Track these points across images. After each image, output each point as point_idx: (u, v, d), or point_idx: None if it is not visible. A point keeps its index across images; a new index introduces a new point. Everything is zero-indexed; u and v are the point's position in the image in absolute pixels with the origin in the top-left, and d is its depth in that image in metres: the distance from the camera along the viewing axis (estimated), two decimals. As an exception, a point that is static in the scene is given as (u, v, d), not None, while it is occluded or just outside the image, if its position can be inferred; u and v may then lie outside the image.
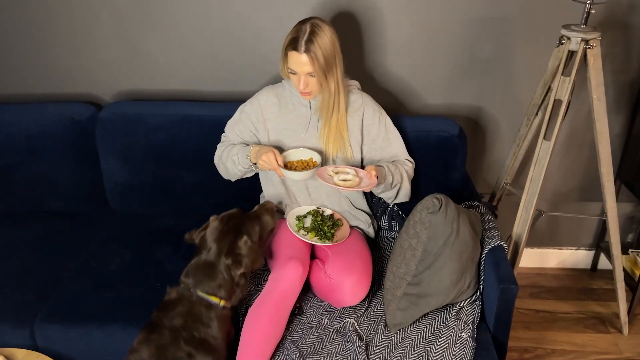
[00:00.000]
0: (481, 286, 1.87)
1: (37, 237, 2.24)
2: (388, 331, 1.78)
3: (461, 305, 1.84)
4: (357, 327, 1.78)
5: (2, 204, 2.38)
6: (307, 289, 1.92)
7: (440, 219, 1.70)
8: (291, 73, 1.82)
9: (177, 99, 2.39)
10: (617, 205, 2.21)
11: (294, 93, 1.94)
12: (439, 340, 1.72)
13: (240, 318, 1.81)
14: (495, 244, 1.86)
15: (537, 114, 2.19)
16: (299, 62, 1.76)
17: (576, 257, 2.76)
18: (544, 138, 2.04)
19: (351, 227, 2.05)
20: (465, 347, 1.69)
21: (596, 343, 2.35)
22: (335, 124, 1.91)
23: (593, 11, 1.93)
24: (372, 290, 1.91)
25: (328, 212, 2.03)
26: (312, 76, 1.79)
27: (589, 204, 2.61)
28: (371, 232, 2.13)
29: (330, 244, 1.90)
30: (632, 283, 2.42)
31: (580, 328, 2.42)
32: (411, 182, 2.01)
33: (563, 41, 1.99)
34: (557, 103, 2.01)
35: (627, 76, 2.33)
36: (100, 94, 2.44)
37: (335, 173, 1.87)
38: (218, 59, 2.34)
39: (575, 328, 2.42)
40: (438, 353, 1.68)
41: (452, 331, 1.74)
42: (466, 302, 1.84)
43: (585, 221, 2.66)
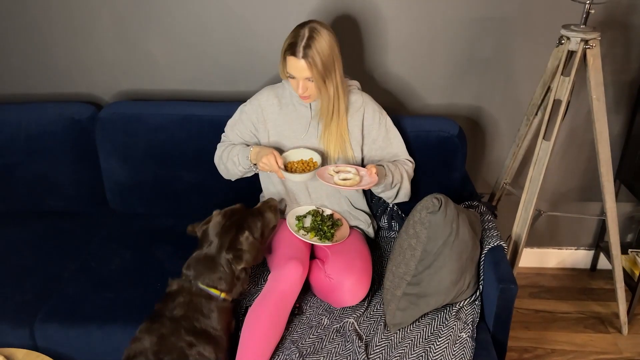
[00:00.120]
0: (481, 286, 1.87)
1: (37, 237, 2.24)
2: (388, 331, 1.78)
3: (461, 305, 1.84)
4: (357, 327, 1.79)
5: (2, 204, 2.38)
6: (307, 289, 1.92)
7: (439, 219, 1.70)
8: (290, 77, 1.82)
9: (177, 99, 2.39)
10: (617, 205, 2.21)
11: (294, 94, 1.94)
12: (439, 340, 1.72)
13: (240, 318, 1.81)
14: (494, 244, 1.86)
15: (537, 114, 2.19)
16: (297, 68, 1.76)
17: (576, 257, 2.76)
18: (544, 138, 2.04)
19: (351, 227, 2.05)
20: (464, 347, 1.69)
21: (596, 343, 2.35)
22: (335, 127, 1.91)
23: (593, 11, 1.94)
24: (372, 290, 1.91)
25: (328, 212, 2.03)
26: (311, 81, 1.79)
27: (589, 204, 2.61)
28: (371, 232, 2.13)
29: (330, 244, 1.90)
30: (632, 283, 2.42)
31: (579, 328, 2.42)
32: (411, 182, 2.01)
33: (563, 41, 1.99)
34: (557, 103, 2.01)
35: (627, 76, 2.33)
36: (100, 94, 2.44)
37: (336, 172, 1.87)
38: (218, 59, 2.34)
39: (574, 328, 2.42)
40: (438, 353, 1.68)
41: (452, 331, 1.74)
42: (466, 302, 1.85)
43: (584, 221, 2.66)
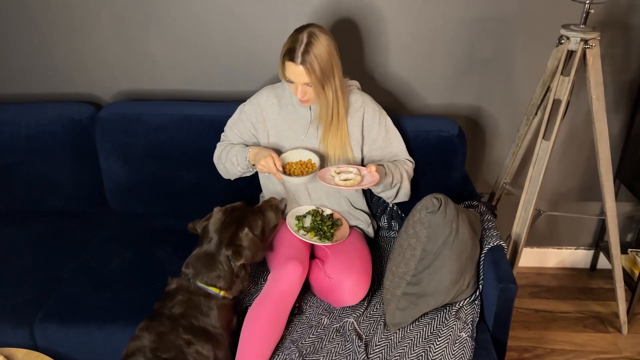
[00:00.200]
0: (480, 286, 1.87)
1: (37, 237, 2.24)
2: (387, 331, 1.78)
3: (460, 304, 1.84)
4: (357, 327, 1.79)
5: (2, 204, 2.38)
6: (307, 289, 1.92)
7: (439, 219, 1.70)
8: (289, 81, 1.82)
9: (177, 99, 2.39)
10: (617, 204, 2.21)
11: (294, 95, 1.94)
12: (439, 339, 1.72)
13: (239, 318, 1.81)
14: (494, 244, 1.86)
15: (537, 114, 2.19)
16: (296, 73, 1.76)
17: (575, 257, 2.77)
18: (543, 138, 2.04)
19: (351, 227, 2.05)
20: (464, 347, 1.69)
21: (595, 342, 2.35)
22: (335, 131, 1.90)
23: (592, 11, 1.94)
24: (372, 289, 1.91)
25: (327, 212, 2.03)
26: (310, 86, 1.79)
27: (588, 204, 2.61)
28: (371, 232, 2.13)
29: (329, 244, 1.90)
30: (632, 282, 2.42)
31: (579, 327, 2.42)
32: (411, 182, 2.01)
33: (562, 41, 1.99)
34: (557, 103, 2.01)
35: (627, 76, 2.33)
36: (100, 94, 2.44)
37: (337, 173, 1.87)
38: (218, 59, 2.34)
39: (574, 327, 2.42)
40: (437, 352, 1.68)
41: (452, 331, 1.74)
42: (465, 302, 1.85)
43: (584, 221, 2.66)
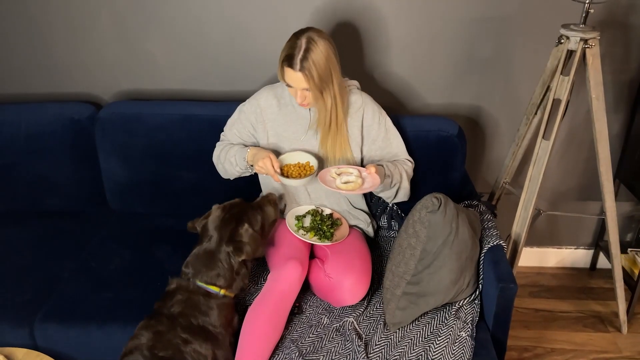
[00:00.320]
0: (480, 285, 1.87)
1: (37, 237, 2.24)
2: (387, 330, 1.78)
3: (460, 304, 1.84)
4: (357, 326, 1.79)
5: (2, 204, 2.38)
6: (307, 288, 1.92)
7: (439, 218, 1.70)
8: (288, 86, 1.82)
9: (177, 99, 2.39)
10: (616, 204, 2.21)
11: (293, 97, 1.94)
12: (438, 339, 1.72)
13: (240, 317, 1.81)
14: (494, 243, 1.86)
15: (536, 114, 2.19)
16: (294, 79, 1.76)
17: (575, 256, 2.77)
18: (543, 137, 2.04)
19: (350, 227, 2.05)
20: (464, 346, 1.69)
21: (595, 342, 2.35)
22: (334, 135, 1.90)
23: (592, 11, 1.94)
24: (372, 289, 1.91)
25: (327, 212, 2.03)
26: (308, 91, 1.79)
27: (588, 203, 2.61)
28: (370, 232, 2.13)
29: (329, 244, 1.90)
30: (631, 282, 2.42)
31: (579, 327, 2.43)
32: (411, 182, 2.01)
33: (562, 40, 1.99)
34: (556, 102, 2.01)
35: (626, 75, 2.33)
36: (99, 94, 2.44)
37: (338, 175, 1.86)
38: (217, 59, 2.34)
39: (574, 327, 2.42)
40: (437, 352, 1.68)
41: (452, 330, 1.74)
42: (465, 301, 1.85)
43: (584, 220, 2.66)
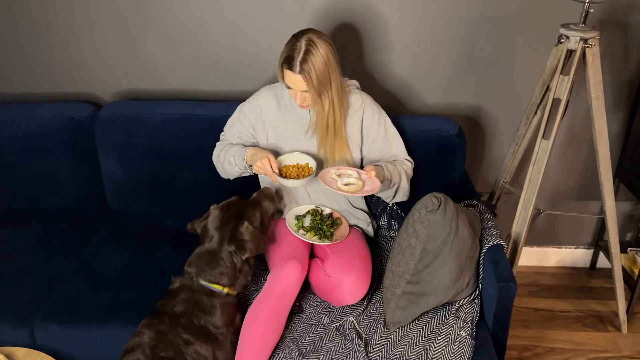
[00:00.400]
0: (480, 285, 1.87)
1: (37, 237, 2.24)
2: (387, 329, 1.78)
3: (460, 303, 1.84)
4: (357, 326, 1.79)
5: (2, 204, 2.38)
6: (307, 288, 1.92)
7: (439, 218, 1.70)
8: (287, 87, 1.82)
9: (177, 99, 2.39)
10: (616, 204, 2.21)
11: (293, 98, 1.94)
12: (438, 338, 1.72)
13: (243, 316, 1.81)
14: (494, 243, 1.86)
15: (536, 113, 2.19)
16: (294, 81, 1.77)
17: (575, 256, 2.77)
18: (543, 137, 2.04)
19: (350, 226, 2.05)
20: (464, 346, 1.69)
21: (595, 341, 2.35)
22: (332, 138, 1.90)
23: (592, 10, 1.94)
24: (372, 288, 1.91)
25: (327, 211, 2.03)
26: (308, 93, 1.80)
27: (588, 203, 2.61)
28: (370, 231, 2.13)
29: (329, 243, 1.90)
30: (631, 281, 2.42)
31: (579, 326, 2.43)
32: (410, 182, 2.01)
33: (562, 40, 1.99)
34: (556, 102, 2.01)
35: (626, 75, 2.34)
36: (99, 94, 2.44)
37: (337, 176, 1.87)
38: (217, 59, 2.34)
39: (574, 326, 2.43)
40: (437, 351, 1.68)
41: (452, 329, 1.74)
42: (465, 301, 1.85)
43: (584, 220, 2.66)
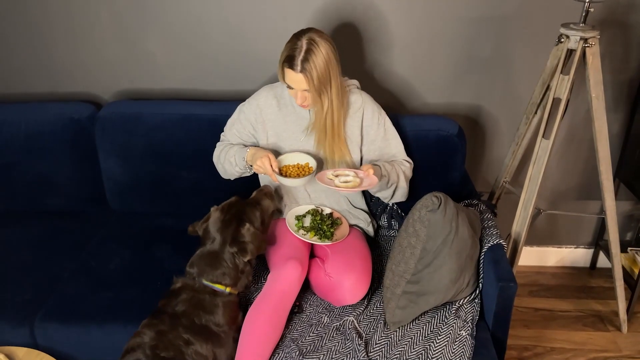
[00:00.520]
0: (480, 284, 1.87)
1: (37, 237, 2.24)
2: (387, 329, 1.78)
3: (460, 303, 1.84)
4: (357, 325, 1.79)
5: (2, 204, 2.38)
6: (307, 287, 1.92)
7: (439, 218, 1.70)
8: (288, 87, 1.82)
9: (177, 98, 2.39)
10: (616, 203, 2.21)
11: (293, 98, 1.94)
12: (438, 338, 1.72)
13: (244, 315, 1.81)
14: (494, 242, 1.86)
15: (536, 113, 2.19)
16: (295, 81, 1.77)
17: (575, 256, 2.77)
18: (543, 136, 2.04)
19: (350, 226, 2.05)
20: (464, 345, 1.69)
21: (595, 341, 2.35)
22: (331, 138, 1.90)
23: (592, 10, 1.94)
24: (372, 288, 1.91)
25: (327, 211, 2.03)
26: (309, 92, 1.80)
27: (588, 203, 2.61)
28: (370, 231, 2.13)
29: (329, 243, 1.90)
30: (631, 281, 2.42)
31: (579, 326, 2.43)
32: (410, 181, 2.01)
33: (562, 40, 1.99)
34: (556, 101, 2.01)
35: (626, 75, 2.34)
36: (99, 93, 2.44)
37: (335, 176, 1.87)
38: (217, 59, 2.34)
39: (574, 326, 2.43)
40: (437, 351, 1.68)
41: (452, 329, 1.74)
42: (465, 300, 1.85)
43: (584, 219, 2.67)
